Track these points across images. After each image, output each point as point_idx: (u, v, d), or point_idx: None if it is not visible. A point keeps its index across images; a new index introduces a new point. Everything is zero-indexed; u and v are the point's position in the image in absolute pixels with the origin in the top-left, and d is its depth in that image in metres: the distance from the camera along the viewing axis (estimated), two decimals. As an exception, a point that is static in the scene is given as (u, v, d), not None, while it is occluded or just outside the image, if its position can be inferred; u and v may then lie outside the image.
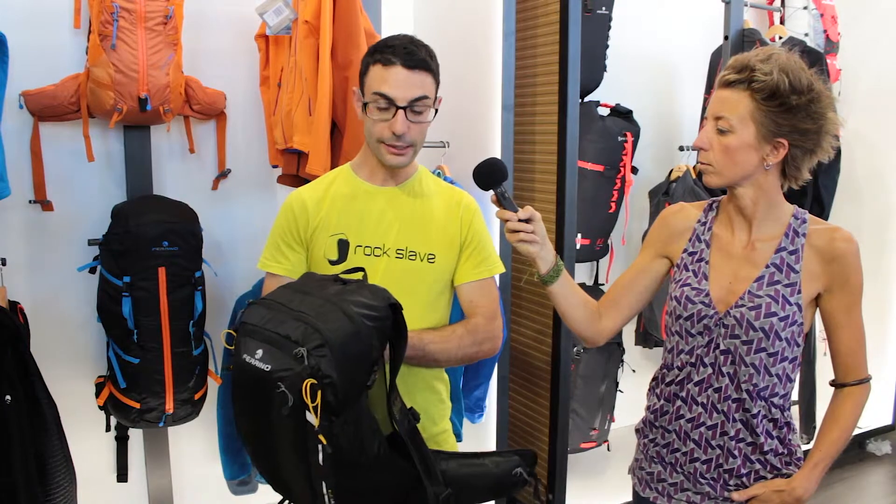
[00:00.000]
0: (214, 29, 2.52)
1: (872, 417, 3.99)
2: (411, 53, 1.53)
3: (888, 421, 4.04)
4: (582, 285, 3.20)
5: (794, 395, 3.58)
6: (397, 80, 1.52)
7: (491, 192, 1.51)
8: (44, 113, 2.22)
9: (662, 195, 3.19)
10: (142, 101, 2.15)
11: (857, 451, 3.99)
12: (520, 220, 1.47)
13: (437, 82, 1.60)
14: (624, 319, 1.68)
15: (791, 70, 1.40)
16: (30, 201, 2.29)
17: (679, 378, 1.58)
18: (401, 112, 1.53)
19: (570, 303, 1.60)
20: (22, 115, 2.22)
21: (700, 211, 1.64)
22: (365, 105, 1.57)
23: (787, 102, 1.40)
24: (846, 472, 3.76)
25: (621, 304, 1.67)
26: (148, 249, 2.14)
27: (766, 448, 1.52)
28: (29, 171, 2.27)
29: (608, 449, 3.29)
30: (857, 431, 3.91)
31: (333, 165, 2.25)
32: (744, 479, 1.54)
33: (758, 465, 1.53)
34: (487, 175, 1.50)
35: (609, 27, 2.94)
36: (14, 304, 2.09)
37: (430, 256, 1.64)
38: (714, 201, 1.63)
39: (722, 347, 1.50)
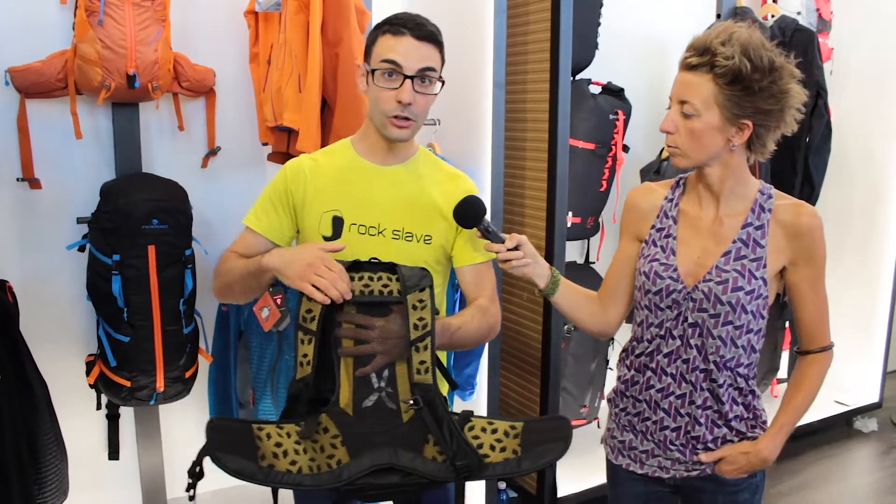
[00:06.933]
0: (203, 5, 2.49)
1: (859, 395, 4.02)
2: (422, 25, 1.54)
3: (875, 399, 4.07)
4: (573, 264, 3.21)
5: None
6: (407, 49, 1.52)
7: (475, 229, 1.55)
8: (30, 90, 2.20)
9: (654, 174, 3.18)
10: (130, 77, 2.13)
11: (844, 429, 4.03)
12: (508, 250, 1.53)
13: (443, 59, 1.60)
14: (626, 306, 1.73)
15: (752, 49, 1.41)
16: (17, 179, 2.27)
17: (649, 350, 1.62)
18: (408, 81, 1.53)
19: (575, 306, 1.68)
20: (8, 92, 2.19)
21: (667, 189, 1.68)
22: (372, 73, 1.56)
23: (749, 86, 1.41)
24: (834, 449, 3.80)
25: (618, 293, 1.72)
26: (137, 227, 2.14)
27: (730, 416, 1.57)
28: (16, 149, 2.25)
29: (598, 426, 3.31)
30: (843, 409, 3.97)
31: (324, 143, 2.24)
32: (709, 445, 1.59)
33: (724, 430, 1.59)
34: (468, 216, 1.55)
35: (601, 5, 2.93)
36: (2, 283, 2.08)
37: (427, 238, 1.64)
38: (681, 178, 1.67)
39: (690, 321, 1.55)
